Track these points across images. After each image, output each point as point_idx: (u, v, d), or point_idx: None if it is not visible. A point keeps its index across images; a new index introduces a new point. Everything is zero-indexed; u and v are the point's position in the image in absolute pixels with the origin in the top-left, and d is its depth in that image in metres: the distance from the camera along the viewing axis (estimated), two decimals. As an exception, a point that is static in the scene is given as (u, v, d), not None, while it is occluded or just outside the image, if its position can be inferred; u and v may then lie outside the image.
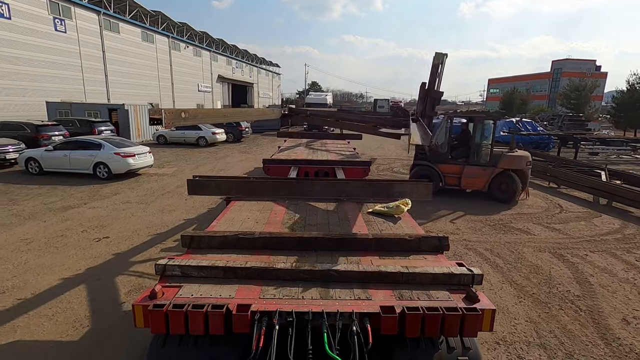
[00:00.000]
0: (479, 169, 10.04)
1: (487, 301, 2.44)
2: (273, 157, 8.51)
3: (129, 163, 12.02)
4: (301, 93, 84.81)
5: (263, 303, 2.35)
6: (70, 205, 9.17)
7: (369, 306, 2.36)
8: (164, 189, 11.14)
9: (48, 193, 10.31)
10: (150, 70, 36.03)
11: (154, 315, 2.22)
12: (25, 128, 15.80)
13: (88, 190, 10.73)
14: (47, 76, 24.44)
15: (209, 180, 4.84)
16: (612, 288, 5.45)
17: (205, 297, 2.41)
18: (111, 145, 12.14)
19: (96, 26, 28.69)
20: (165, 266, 2.70)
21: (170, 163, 15.81)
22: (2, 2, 21.30)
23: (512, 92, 49.63)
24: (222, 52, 53.59)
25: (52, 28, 24.77)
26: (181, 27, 42.13)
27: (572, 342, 4.15)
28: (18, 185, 11.16)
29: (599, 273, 5.94)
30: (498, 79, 79.95)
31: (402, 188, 4.71)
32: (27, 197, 9.83)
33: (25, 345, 3.95)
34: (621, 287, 5.51)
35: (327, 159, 8.45)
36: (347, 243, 3.23)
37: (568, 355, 3.94)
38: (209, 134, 21.61)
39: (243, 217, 4.06)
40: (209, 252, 3.07)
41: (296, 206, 4.56)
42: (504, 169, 9.83)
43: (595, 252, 6.82)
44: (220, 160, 17.06)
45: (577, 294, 5.25)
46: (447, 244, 3.25)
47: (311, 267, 2.74)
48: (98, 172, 11.95)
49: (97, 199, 9.87)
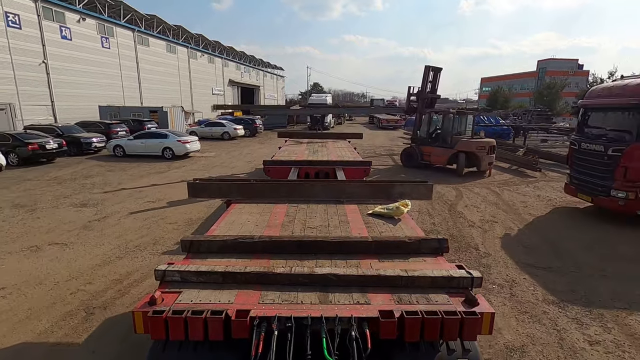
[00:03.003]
0: (443, 150, 14.42)
1: (487, 304, 2.41)
2: (273, 158, 8.62)
3: (186, 147, 17.16)
4: (304, 94, 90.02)
5: (262, 308, 2.34)
6: (160, 171, 14.30)
7: (367, 311, 2.34)
8: (213, 164, 16.25)
9: (139, 167, 15.44)
10: (173, 77, 41.36)
11: (154, 322, 2.21)
12: (100, 125, 21.03)
13: (164, 164, 15.88)
14: (95, 84, 29.71)
15: (209, 183, 4.85)
16: (471, 197, 10.49)
17: (204, 302, 2.40)
18: (174, 135, 17.33)
19: (131, 42, 34.02)
20: (165, 272, 2.68)
21: (208, 150, 20.94)
22: (66, 27, 26.64)
23: (497, 91, 54.43)
24: (232, 59, 58.85)
25: (99, 45, 30.10)
26: (197, 37, 47.45)
27: (436, 212, 9.19)
28: (114, 163, 16.30)
29: (470, 193, 10.99)
30: (490, 78, 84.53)
31: (402, 189, 4.70)
32: (128, 169, 14.95)
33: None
34: (475, 196, 10.57)
35: (327, 159, 8.54)
36: (346, 246, 3.22)
37: (430, 215, 8.97)
38: (231, 129, 26.73)
39: (243, 220, 4.07)
40: (209, 257, 3.08)
41: (296, 208, 4.56)
42: (458, 150, 14.09)
43: (479, 187, 11.84)
44: (244, 148, 22.19)
45: (452, 200, 10.28)
46: (446, 246, 3.24)
47: (310, 272, 2.70)
48: (165, 154, 17.09)
49: (173, 169, 14.99)
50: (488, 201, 10.25)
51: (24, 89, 23.44)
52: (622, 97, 7.99)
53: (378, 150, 21.57)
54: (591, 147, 8.59)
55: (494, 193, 11.17)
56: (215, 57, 52.22)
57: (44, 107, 25.18)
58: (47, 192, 10.89)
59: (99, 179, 12.84)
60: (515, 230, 7.95)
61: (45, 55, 24.97)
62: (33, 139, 15.25)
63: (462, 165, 13.57)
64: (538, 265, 6.13)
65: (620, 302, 4.96)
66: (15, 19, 22.78)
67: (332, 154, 9.38)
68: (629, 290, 5.27)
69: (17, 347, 4.02)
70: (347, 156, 9.03)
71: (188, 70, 44.72)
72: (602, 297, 5.10)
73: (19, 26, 23.07)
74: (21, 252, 6.51)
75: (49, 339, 4.14)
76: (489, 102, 55.99)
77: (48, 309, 4.74)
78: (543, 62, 69.05)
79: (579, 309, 4.82)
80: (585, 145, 8.80)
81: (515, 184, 12.60)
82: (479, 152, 13.24)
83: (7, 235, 7.33)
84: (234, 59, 59.48)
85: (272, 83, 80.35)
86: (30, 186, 11.64)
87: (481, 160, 13.30)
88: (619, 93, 8.16)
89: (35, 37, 24.29)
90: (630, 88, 7.89)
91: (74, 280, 5.53)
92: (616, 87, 8.47)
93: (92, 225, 8.00)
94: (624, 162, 7.71)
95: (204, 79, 48.64)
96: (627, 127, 7.84)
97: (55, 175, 13.32)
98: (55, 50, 25.82)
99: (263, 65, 74.91)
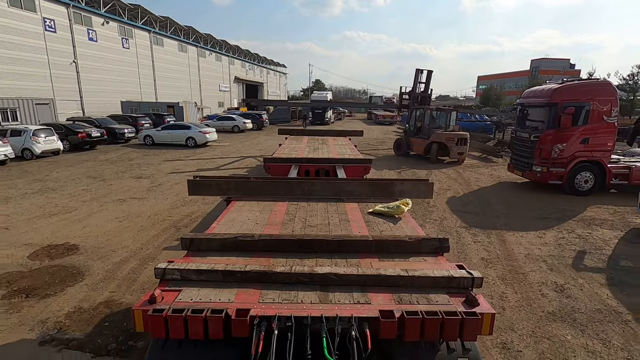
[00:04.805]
0: (422, 140, 17.45)
1: (487, 305, 2.42)
2: (274, 156, 8.63)
3: (206, 137, 20.15)
4: (305, 90, 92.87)
5: (262, 307, 2.35)
6: (187, 156, 17.28)
7: (368, 310, 2.34)
8: (230, 151, 19.23)
9: (168, 152, 18.42)
10: (184, 74, 44.31)
11: (154, 320, 2.22)
12: (128, 118, 24.02)
13: (189, 151, 18.87)
14: (117, 81, 32.67)
15: (209, 180, 4.89)
16: (438, 175, 13.49)
17: (204, 301, 2.41)
18: (195, 126, 20.32)
19: (148, 42, 36.96)
20: (165, 270, 2.68)
21: (222, 141, 23.88)
22: (92, 30, 29.58)
23: (489, 89, 57.23)
24: (237, 57, 61.71)
25: (120, 46, 33.05)
26: (206, 37, 50.30)
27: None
28: (146, 150, 19.28)
29: (439, 173, 13.98)
30: (486, 76, 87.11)
31: (402, 187, 4.72)
32: (160, 154, 17.93)
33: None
34: (441, 174, 13.56)
35: (327, 156, 8.53)
36: (347, 245, 3.22)
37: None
38: (241, 123, 29.67)
39: (243, 218, 4.07)
40: (209, 255, 3.08)
41: (296, 206, 4.56)
42: (432, 141, 17.36)
43: (447, 169, 14.82)
44: (253, 139, 25.15)
45: (422, 177, 13.23)
46: (447, 246, 3.24)
47: (311, 271, 2.69)
48: (188, 143, 20.07)
49: (197, 154, 17.97)
50: (449, 177, 13.21)
51: (58, 86, 26.44)
52: (540, 97, 10.93)
53: (371, 142, 24.53)
54: (522, 134, 11.55)
55: (457, 173, 14.14)
56: (222, 55, 55.08)
57: (74, 102, 28.19)
58: (106, 169, 13.90)
59: (140, 160, 15.85)
60: (461, 193, 10.92)
61: (75, 56, 27.95)
62: (81, 128, 18.27)
63: (434, 153, 16.40)
64: (464, 211, 9.12)
65: (506, 227, 7.95)
66: (51, 23, 25.73)
67: (333, 152, 9.48)
68: (516, 223, 8.24)
69: (144, 244, 7.04)
70: (348, 154, 9.15)
71: (197, 68, 47.63)
72: (495, 226, 8.08)
73: (54, 30, 26.03)
74: (113, 203, 9.52)
75: (159, 239, 7.14)
76: (482, 100, 58.84)
77: (151, 227, 7.75)
78: (536, 61, 71.68)
79: (477, 229, 7.80)
80: (519, 133, 11.77)
81: (478, 167, 15.56)
82: (449, 142, 16.07)
83: (97, 194, 10.34)
84: (239, 57, 62.35)
85: (275, 80, 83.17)
86: (90, 165, 14.66)
87: (450, 150, 16.15)
88: (539, 94, 11.10)
89: (67, 40, 27.25)
90: (545, 91, 10.82)
91: (159, 215, 8.54)
92: (538, 90, 11.40)
93: (153, 188, 11.01)
94: (539, 145, 10.66)
95: (211, 76, 51.55)
96: (542, 119, 10.79)
97: (105, 158, 16.33)
98: (84, 50, 28.78)
99: (266, 62, 77.71)
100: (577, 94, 10.37)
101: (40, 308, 4.74)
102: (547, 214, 8.89)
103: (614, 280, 5.63)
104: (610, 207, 9.42)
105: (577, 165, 10.42)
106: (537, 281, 5.58)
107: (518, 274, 5.80)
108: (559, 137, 10.37)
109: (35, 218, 8.24)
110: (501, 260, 6.32)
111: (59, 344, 4.05)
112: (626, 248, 6.93)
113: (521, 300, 5.05)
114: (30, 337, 4.16)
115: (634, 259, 6.40)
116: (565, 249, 6.80)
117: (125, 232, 7.47)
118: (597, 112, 10.24)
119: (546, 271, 5.91)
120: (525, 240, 7.22)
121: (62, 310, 4.70)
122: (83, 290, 5.19)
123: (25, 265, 5.93)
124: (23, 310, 4.68)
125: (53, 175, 12.68)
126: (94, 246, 6.72)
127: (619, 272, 5.91)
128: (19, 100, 20.43)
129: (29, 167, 14.22)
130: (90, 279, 5.51)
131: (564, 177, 10.46)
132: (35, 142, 15.42)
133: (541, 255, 6.50)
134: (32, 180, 11.90)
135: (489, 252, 6.67)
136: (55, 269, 5.82)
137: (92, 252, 6.48)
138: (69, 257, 6.26)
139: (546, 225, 8.11)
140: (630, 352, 4.01)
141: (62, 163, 15.04)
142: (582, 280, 5.62)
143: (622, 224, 8.19)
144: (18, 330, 4.29)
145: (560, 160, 10.45)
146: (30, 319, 4.51)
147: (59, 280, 5.45)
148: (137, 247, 6.70)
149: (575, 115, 10.13)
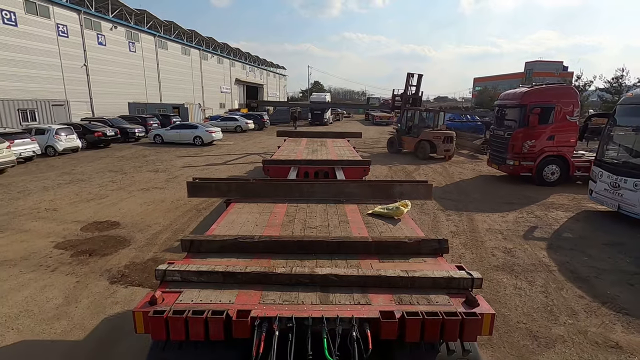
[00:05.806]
0: (412, 138, 19.04)
1: (487, 305, 2.44)
2: (273, 158, 8.68)
3: (212, 136, 21.57)
4: (305, 92, 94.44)
5: (263, 308, 2.35)
6: (196, 154, 18.68)
7: (368, 311, 2.35)
8: (235, 149, 20.64)
9: (178, 150, 19.82)
10: (187, 76, 45.76)
11: (154, 322, 2.23)
12: (137, 118, 25.41)
13: (197, 149, 20.27)
14: (123, 84, 34.07)
15: (208, 182, 4.92)
16: (425, 169, 14.91)
17: (205, 302, 2.42)
18: (202, 126, 21.74)
19: (153, 46, 38.41)
20: (165, 271, 2.71)
21: (227, 140, 25.33)
22: (102, 35, 31.00)
23: (483, 91, 58.84)
24: (238, 59, 63.19)
25: (127, 49, 34.48)
26: (208, 40, 51.76)
27: (396, 176, 13.58)
28: (157, 147, 20.68)
29: (427, 168, 15.40)
30: (482, 78, 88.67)
31: (402, 189, 4.80)
32: (171, 151, 19.33)
33: (231, 174, 13.50)
34: (428, 169, 14.98)
35: (326, 158, 8.55)
36: (347, 246, 3.24)
37: (391, 177, 13.37)
38: (243, 123, 31.08)
39: (243, 220, 4.10)
40: (209, 256, 3.09)
41: (296, 207, 4.59)
42: (421, 139, 18.93)
43: (434, 165, 16.25)
44: (255, 139, 26.57)
45: (410, 170, 14.66)
46: (446, 247, 3.27)
47: (311, 272, 2.72)
48: (195, 141, 21.47)
49: (205, 152, 19.38)
50: (435, 172, 14.66)
51: (70, 88, 27.85)
52: (512, 99, 12.40)
53: (367, 141, 25.98)
54: (498, 132, 13.00)
55: (443, 168, 15.57)
56: (223, 58, 56.55)
57: (84, 103, 29.58)
58: (124, 164, 15.30)
59: (154, 157, 17.25)
60: (443, 184, 12.35)
61: (85, 59, 29.37)
62: (97, 128, 19.67)
63: (424, 150, 17.81)
64: (443, 197, 10.55)
65: (476, 210, 9.38)
66: (64, 29, 27.14)
67: (332, 153, 9.52)
68: (487, 208, 9.66)
69: (173, 221, 8.45)
70: (347, 155, 9.18)
71: (200, 70, 49.09)
72: (468, 208, 9.51)
73: (66, 35, 27.44)
74: (138, 192, 10.92)
75: (185, 218, 8.54)
76: (477, 101, 60.43)
77: (175, 209, 9.16)
78: (530, 64, 73.26)
79: (451, 212, 9.23)
80: (496, 131, 13.23)
81: (463, 163, 17.01)
82: (435, 140, 17.57)
83: (122, 184, 11.74)
84: (240, 60, 63.85)
85: (275, 82, 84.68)
86: (109, 161, 16.06)
87: (437, 147, 17.62)
88: (512, 97, 12.57)
89: (78, 44, 28.66)
90: (517, 94, 12.29)
91: (180, 200, 9.95)
92: (512, 93, 12.87)
93: (170, 180, 12.41)
94: (511, 141, 12.11)
95: (213, 78, 53.02)
96: (514, 119, 12.24)
97: (120, 155, 17.73)
98: (93, 54, 30.20)
99: (266, 64, 79.22)
100: (544, 96, 11.84)
101: (102, 263, 6.15)
102: (515, 200, 10.33)
103: (553, 245, 7.07)
104: (570, 195, 10.86)
105: (545, 159, 11.87)
106: (491, 246, 7.01)
107: (477, 242, 7.23)
108: (528, 135, 11.82)
109: (75, 202, 9.65)
110: (466, 232, 7.75)
111: (124, 283, 5.46)
112: (572, 224, 8.38)
113: (475, 258, 6.48)
114: (103, 282, 5.57)
115: (575, 232, 7.85)
116: (521, 225, 8.24)
117: (154, 212, 8.88)
118: (562, 112, 11.71)
119: (500, 240, 7.35)
120: (490, 219, 8.66)
121: (120, 263, 6.11)
122: (132, 252, 6.60)
123: (80, 235, 7.35)
124: (90, 264, 6.09)
125: (78, 169, 14.08)
126: (131, 223, 8.12)
127: (560, 240, 7.35)
128: (37, 101, 21.82)
129: (54, 162, 15.62)
130: (135, 244, 6.92)
131: (534, 170, 11.91)
132: (57, 140, 16.83)
133: (500, 229, 7.94)
134: (61, 173, 13.30)
135: (457, 227, 8.10)
136: (105, 237, 7.23)
137: (132, 226, 7.89)
138: (114, 230, 7.68)
139: (511, 208, 9.55)
140: (547, 287, 5.44)
141: (83, 159, 16.44)
142: (527, 245, 7.06)
143: (575, 208, 9.65)
144: (91, 275, 5.69)
145: (530, 155, 11.89)
146: (97, 269, 5.91)
147: (111, 245, 6.86)
148: (167, 223, 8.12)
149: (542, 115, 11.58)
